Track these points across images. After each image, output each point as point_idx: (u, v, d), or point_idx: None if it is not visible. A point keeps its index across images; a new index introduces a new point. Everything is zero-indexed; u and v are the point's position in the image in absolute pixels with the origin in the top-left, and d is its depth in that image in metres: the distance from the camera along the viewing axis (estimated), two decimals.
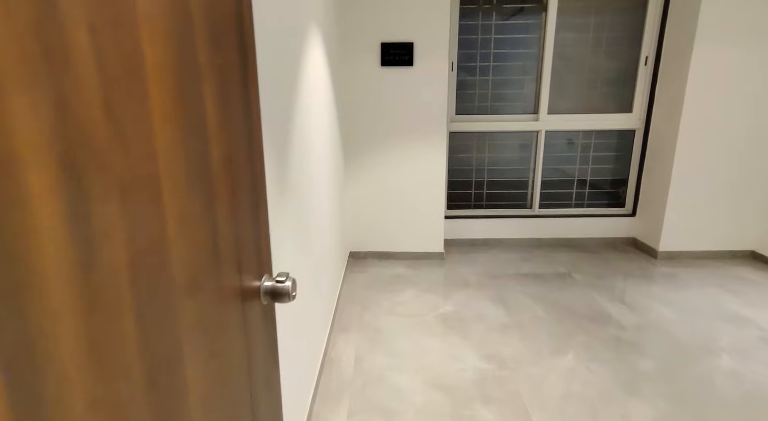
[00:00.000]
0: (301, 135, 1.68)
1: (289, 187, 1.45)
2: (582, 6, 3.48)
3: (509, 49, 3.59)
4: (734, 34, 3.06)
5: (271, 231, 1.21)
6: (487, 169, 3.84)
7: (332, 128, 2.67)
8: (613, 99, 3.65)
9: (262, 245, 0.82)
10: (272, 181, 1.25)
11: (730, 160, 3.29)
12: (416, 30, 3.09)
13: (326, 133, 2.41)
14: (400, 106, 3.22)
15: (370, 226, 3.47)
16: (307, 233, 1.78)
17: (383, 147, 3.30)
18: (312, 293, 1.89)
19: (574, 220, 3.79)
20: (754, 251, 3.45)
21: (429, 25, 3.08)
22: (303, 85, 1.73)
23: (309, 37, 1.90)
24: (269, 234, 0.86)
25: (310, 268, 1.84)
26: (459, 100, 3.66)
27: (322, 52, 2.30)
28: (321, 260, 2.16)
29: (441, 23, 3.08)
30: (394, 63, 3.13)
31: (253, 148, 0.76)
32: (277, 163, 1.31)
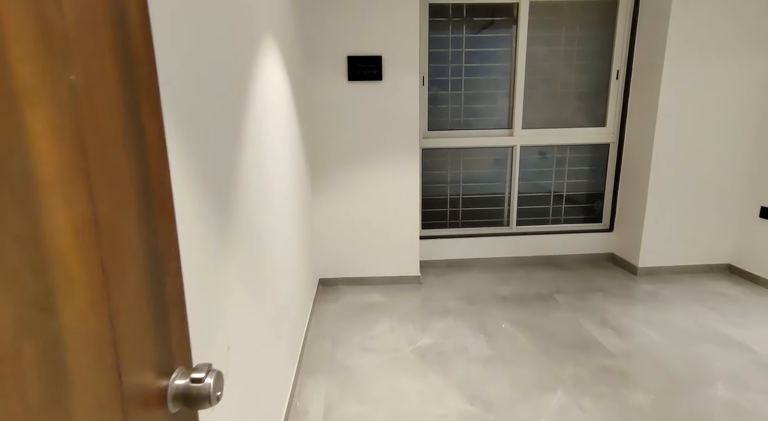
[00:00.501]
0: (254, 164, 1.45)
1: (236, 230, 1.23)
2: (552, 20, 3.42)
3: (481, 63, 3.49)
4: (703, 49, 3.03)
5: (206, 292, 0.98)
6: (463, 185, 3.70)
7: (296, 149, 2.45)
8: (586, 113, 3.59)
9: (173, 326, 0.60)
10: (211, 228, 1.03)
11: (703, 174, 3.25)
12: (384, 43, 2.93)
13: (288, 156, 2.19)
14: (370, 123, 3.04)
15: (341, 250, 3.25)
16: (263, 274, 1.55)
17: (353, 166, 3.10)
18: (272, 341, 1.65)
19: (552, 237, 3.68)
20: (730, 265, 3.41)
21: (398, 37, 2.93)
22: (254, 105, 1.51)
23: (263, 51, 1.69)
24: (185, 310, 0.64)
25: (268, 315, 1.60)
26: (431, 115, 3.51)
27: (281, 67, 2.10)
28: (283, 299, 1.92)
29: (410, 36, 2.94)
30: (362, 77, 2.95)
31: (149, 200, 0.54)
32: (216, 207, 1.08)
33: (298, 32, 2.69)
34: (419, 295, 3.14)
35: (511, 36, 3.44)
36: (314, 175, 3.10)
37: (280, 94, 2.05)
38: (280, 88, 2.08)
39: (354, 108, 3.01)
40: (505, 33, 3.45)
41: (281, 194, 2.02)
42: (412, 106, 3.04)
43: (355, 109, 3.01)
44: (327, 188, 3.13)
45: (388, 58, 2.95)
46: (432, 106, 3.51)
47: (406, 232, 3.24)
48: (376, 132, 3.05)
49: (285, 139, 2.16)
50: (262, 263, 1.55)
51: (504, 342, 2.48)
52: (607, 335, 2.52)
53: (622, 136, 3.54)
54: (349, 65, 2.93)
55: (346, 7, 2.87)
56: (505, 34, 3.45)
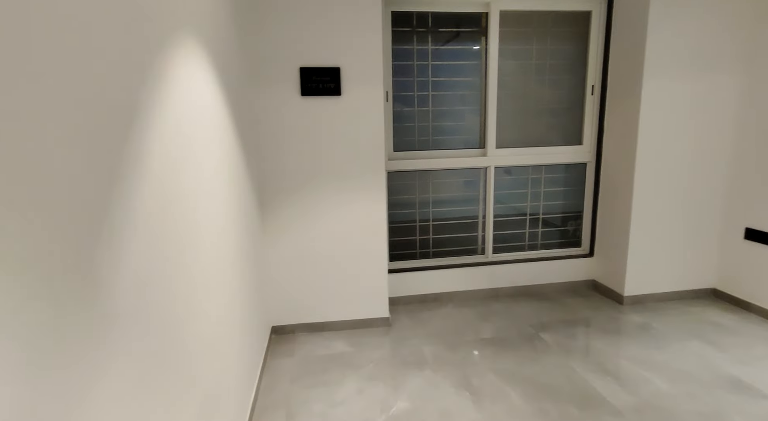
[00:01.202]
0: (156, 208, 1.00)
1: (118, 316, 0.77)
2: (522, 32, 3.17)
3: (449, 77, 3.18)
4: (683, 63, 2.87)
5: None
6: (433, 210, 3.34)
7: (237, 178, 2.00)
8: (561, 131, 3.35)
9: None
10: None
11: (686, 194, 3.07)
12: (343, 53, 2.55)
13: (224, 190, 1.74)
14: (329, 144, 2.63)
15: (297, 292, 2.78)
16: (177, 362, 1.08)
17: (310, 194, 2.67)
18: None
19: (530, 265, 3.38)
20: (715, 289, 3.23)
21: (358, 47, 2.56)
22: (159, 130, 1.07)
23: (177, 61, 1.25)
24: None
25: (190, 412, 1.13)
26: (396, 134, 3.15)
27: (213, 80, 1.66)
28: (213, 382, 1.44)
29: (372, 45, 2.57)
30: (318, 92, 2.55)
31: None
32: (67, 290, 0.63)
33: (240, 40, 2.26)
34: (390, 340, 2.72)
35: (480, 48, 3.16)
36: (264, 206, 2.64)
37: (211, 114, 1.61)
38: (212, 106, 1.63)
39: (309, 127, 2.59)
40: (475, 45, 3.17)
41: (217, 237, 1.56)
42: (376, 124, 2.66)
43: (310, 129, 2.59)
44: (280, 221, 2.67)
45: (347, 71, 2.57)
46: (397, 124, 3.15)
47: (373, 266, 2.83)
48: (336, 154, 2.65)
49: (220, 169, 1.71)
50: (177, 346, 1.09)
51: (493, 402, 2.09)
52: (608, 385, 2.20)
53: (599, 155, 3.32)
54: (303, 78, 2.52)
55: (298, 12, 2.47)
56: (475, 46, 3.17)
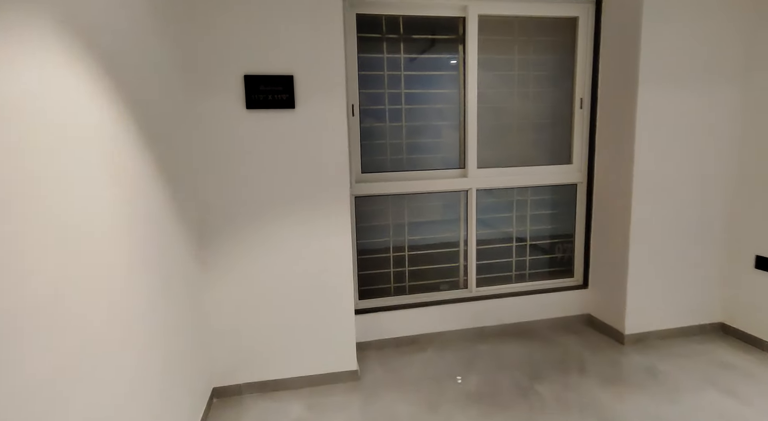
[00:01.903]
0: None
1: None
2: (504, 40, 2.85)
3: (424, 89, 2.82)
4: (680, 71, 2.58)
5: None
6: (408, 239, 2.93)
7: (149, 215, 1.54)
8: (549, 148, 3.02)
9: None
10: None
11: (689, 218, 2.75)
12: (298, 58, 2.15)
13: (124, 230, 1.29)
14: (283, 167, 2.20)
15: (247, 342, 2.31)
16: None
17: (261, 226, 2.23)
18: None
19: (518, 299, 2.99)
20: (723, 324, 2.90)
21: (316, 52, 2.17)
22: None
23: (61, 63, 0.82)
24: None
25: None
26: (365, 153, 2.76)
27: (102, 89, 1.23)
28: None
29: (332, 50, 2.19)
30: (267, 104, 2.13)
31: None
32: None
33: (168, 42, 1.83)
34: (358, 399, 2.27)
35: (458, 57, 2.82)
36: (205, 242, 2.18)
37: (96, 136, 1.17)
38: (96, 126, 1.20)
39: (258, 148, 2.16)
40: (452, 54, 2.83)
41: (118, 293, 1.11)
42: (339, 142, 2.26)
43: (259, 150, 2.17)
44: (226, 258, 2.21)
45: (302, 80, 2.17)
46: (366, 141, 2.76)
47: (338, 308, 2.38)
48: (292, 179, 2.22)
49: (120, 210, 1.27)
50: None
51: None
52: None
53: (591, 175, 2.99)
54: (248, 88, 2.10)
55: (241, 9, 2.07)
56: (452, 55, 2.83)
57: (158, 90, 1.71)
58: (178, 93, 1.97)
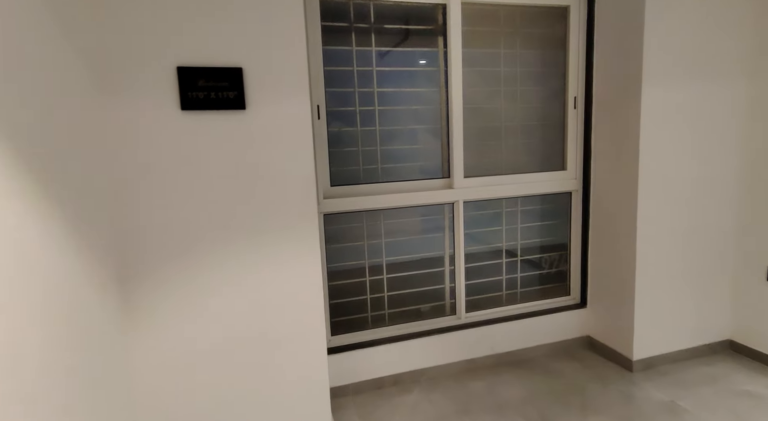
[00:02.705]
0: None
1: None
2: (488, 33, 2.52)
3: (400, 87, 2.43)
4: (687, 67, 2.32)
5: None
6: (386, 261, 2.53)
7: (34, 261, 1.07)
8: (540, 153, 2.70)
9: None
10: None
11: (695, 228, 2.49)
12: (248, 47, 1.71)
13: None
14: (230, 183, 1.75)
15: (186, 409, 1.82)
16: None
17: (204, 257, 1.76)
18: None
19: (512, 325, 2.64)
20: (731, 341, 2.66)
21: (270, 39, 1.73)
22: None
23: None
24: None
25: None
26: (334, 162, 2.34)
27: None
28: None
29: (292, 38, 1.76)
30: (209, 104, 1.68)
31: None
32: None
33: (73, 21, 1.35)
34: None
35: (438, 51, 2.46)
36: (129, 285, 1.69)
37: None
38: None
39: (197, 158, 1.70)
40: (430, 47, 2.46)
41: None
42: (302, 150, 1.83)
43: (198, 161, 1.71)
44: (158, 303, 1.73)
45: (255, 74, 1.73)
46: (334, 149, 2.35)
47: (306, 351, 1.94)
48: (243, 198, 1.77)
49: None
50: None
51: None
52: None
53: (587, 182, 2.69)
54: (183, 83, 1.64)
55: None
56: (430, 48, 2.46)
57: (57, 90, 1.23)
58: (86, 97, 1.48)
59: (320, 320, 1.95)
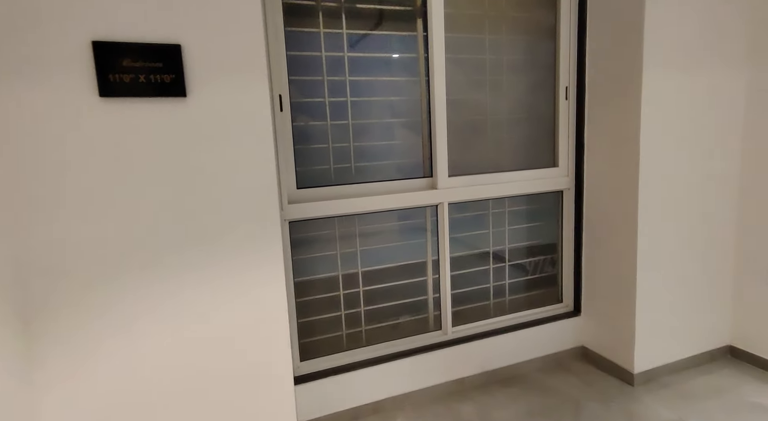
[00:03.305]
0: None
1: None
2: (471, 17, 2.26)
3: (376, 75, 2.14)
4: (690, 53, 2.12)
5: None
6: (362, 272, 2.24)
7: None
8: (530, 148, 2.47)
9: None
10: None
11: (697, 228, 2.31)
12: (188, 18, 1.38)
13: None
14: (166, 190, 1.42)
15: None
16: None
17: (135, 283, 1.42)
18: None
19: (502, 338, 2.40)
20: (731, 347, 2.51)
21: (219, 13, 1.41)
22: None
23: None
24: None
25: None
26: (301, 161, 2.03)
27: None
28: None
29: (246, 13, 1.44)
30: (138, 90, 1.34)
31: None
32: None
33: None
34: None
35: (417, 35, 2.18)
36: (33, 321, 1.33)
37: None
38: None
39: (122, 160, 1.36)
40: (409, 30, 2.18)
41: None
42: (262, 147, 1.51)
43: (124, 163, 1.36)
44: (73, 345, 1.38)
45: (198, 53, 1.40)
46: (301, 146, 2.03)
47: (268, 383, 1.63)
48: (183, 208, 1.44)
49: None
50: None
51: None
52: None
53: (580, 179, 2.48)
54: (100, 63, 1.30)
55: None
56: (409, 31, 2.18)
57: None
58: None
59: (284, 346, 1.64)
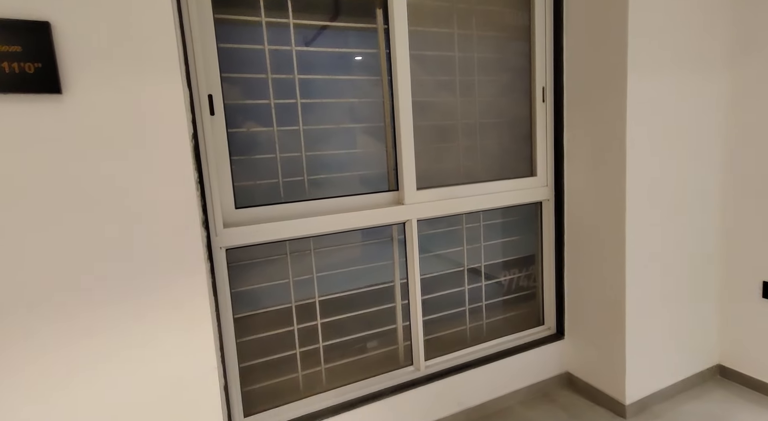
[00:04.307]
0: None
1: None
2: (437, 9, 1.99)
3: (331, 74, 1.83)
4: (677, 53, 1.94)
5: None
6: (320, 300, 1.92)
7: None
8: (505, 156, 2.22)
9: None
10: None
11: (685, 242, 2.13)
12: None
13: None
14: (45, 218, 1.05)
15: None
16: None
17: (10, 347, 1.04)
18: None
19: (480, 371, 2.13)
20: (721, 366, 2.34)
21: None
22: None
23: None
24: None
25: None
26: (239, 176, 1.69)
27: None
28: None
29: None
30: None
31: None
32: None
33: None
34: None
35: (377, 28, 1.89)
36: None
37: None
38: None
39: None
40: (367, 22, 1.89)
41: None
42: (173, 161, 1.17)
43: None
44: None
45: (75, 34, 1.04)
46: (240, 157, 1.69)
47: None
48: (60, 243, 1.08)
49: None
50: None
51: None
52: None
53: (559, 189, 2.25)
54: None
55: None
56: (367, 23, 1.89)
57: None
58: None
59: (215, 407, 1.29)
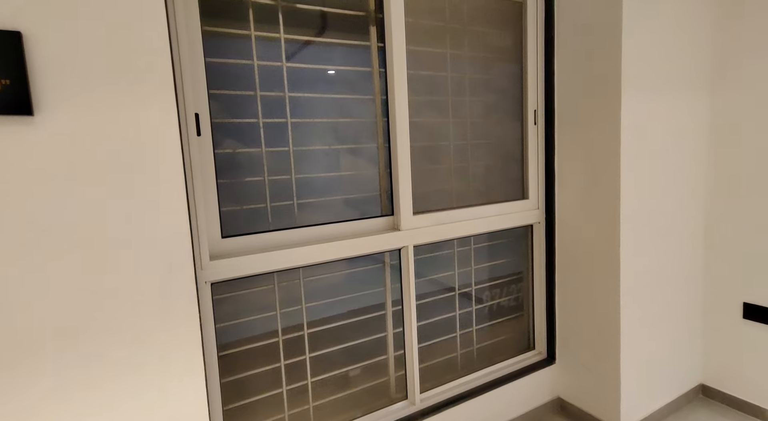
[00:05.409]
0: None
1: None
2: (431, 28, 1.95)
3: (321, 92, 1.74)
4: (669, 74, 1.98)
5: None
6: (309, 334, 1.79)
7: None
8: (497, 178, 2.19)
9: None
10: None
11: (672, 263, 2.16)
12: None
13: None
14: (18, 253, 0.89)
15: None
16: None
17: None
18: None
19: (474, 402, 2.05)
20: (704, 385, 2.38)
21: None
22: None
23: None
24: None
25: None
26: (226, 200, 1.55)
27: None
28: None
29: None
30: None
31: None
32: None
33: None
34: None
35: (371, 45, 1.82)
36: None
37: None
38: None
39: None
40: (360, 40, 1.81)
41: None
42: (163, 190, 1.03)
43: None
44: None
45: (51, 47, 0.90)
46: (227, 179, 1.56)
47: None
48: (52, 280, 0.92)
49: None
50: None
51: None
52: None
53: (551, 212, 2.24)
54: None
55: None
56: (360, 40, 1.81)
57: None
58: None
59: None
